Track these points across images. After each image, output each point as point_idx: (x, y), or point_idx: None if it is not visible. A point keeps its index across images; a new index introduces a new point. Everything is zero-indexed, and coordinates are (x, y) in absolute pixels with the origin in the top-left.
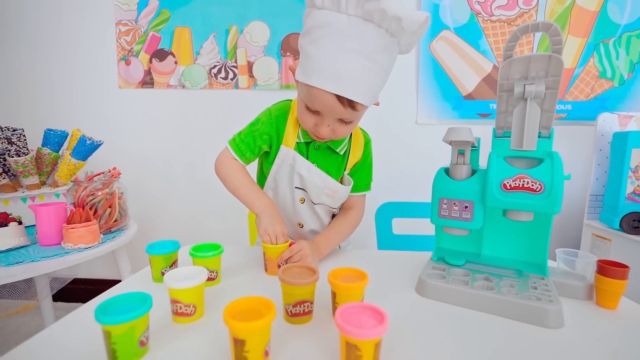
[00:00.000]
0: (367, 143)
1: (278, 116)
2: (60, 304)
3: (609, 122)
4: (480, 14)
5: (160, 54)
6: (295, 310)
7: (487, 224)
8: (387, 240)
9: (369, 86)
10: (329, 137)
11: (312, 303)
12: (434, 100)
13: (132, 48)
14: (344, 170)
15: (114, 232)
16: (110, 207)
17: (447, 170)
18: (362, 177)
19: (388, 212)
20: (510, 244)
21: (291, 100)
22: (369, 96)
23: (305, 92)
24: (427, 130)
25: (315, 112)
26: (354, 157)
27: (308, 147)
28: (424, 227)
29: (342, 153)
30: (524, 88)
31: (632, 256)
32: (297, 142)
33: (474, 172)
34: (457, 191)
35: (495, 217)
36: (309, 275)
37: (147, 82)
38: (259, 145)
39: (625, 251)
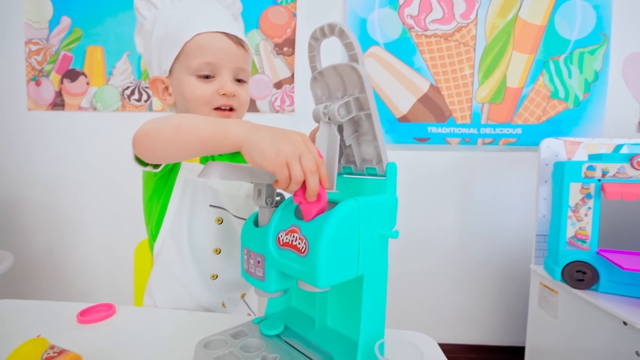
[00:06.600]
0: None
1: None
2: None
3: (554, 149)
4: (414, 28)
5: (72, 75)
6: None
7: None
8: None
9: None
10: (234, 99)
11: None
12: None
13: (43, 68)
14: None
15: None
16: None
17: None
18: None
19: None
20: (347, 316)
21: None
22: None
23: (188, 58)
24: None
25: (208, 78)
26: None
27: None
28: None
29: None
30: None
31: (576, 315)
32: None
33: None
34: (253, 240)
35: None
36: None
37: (58, 103)
38: None
39: (571, 308)
